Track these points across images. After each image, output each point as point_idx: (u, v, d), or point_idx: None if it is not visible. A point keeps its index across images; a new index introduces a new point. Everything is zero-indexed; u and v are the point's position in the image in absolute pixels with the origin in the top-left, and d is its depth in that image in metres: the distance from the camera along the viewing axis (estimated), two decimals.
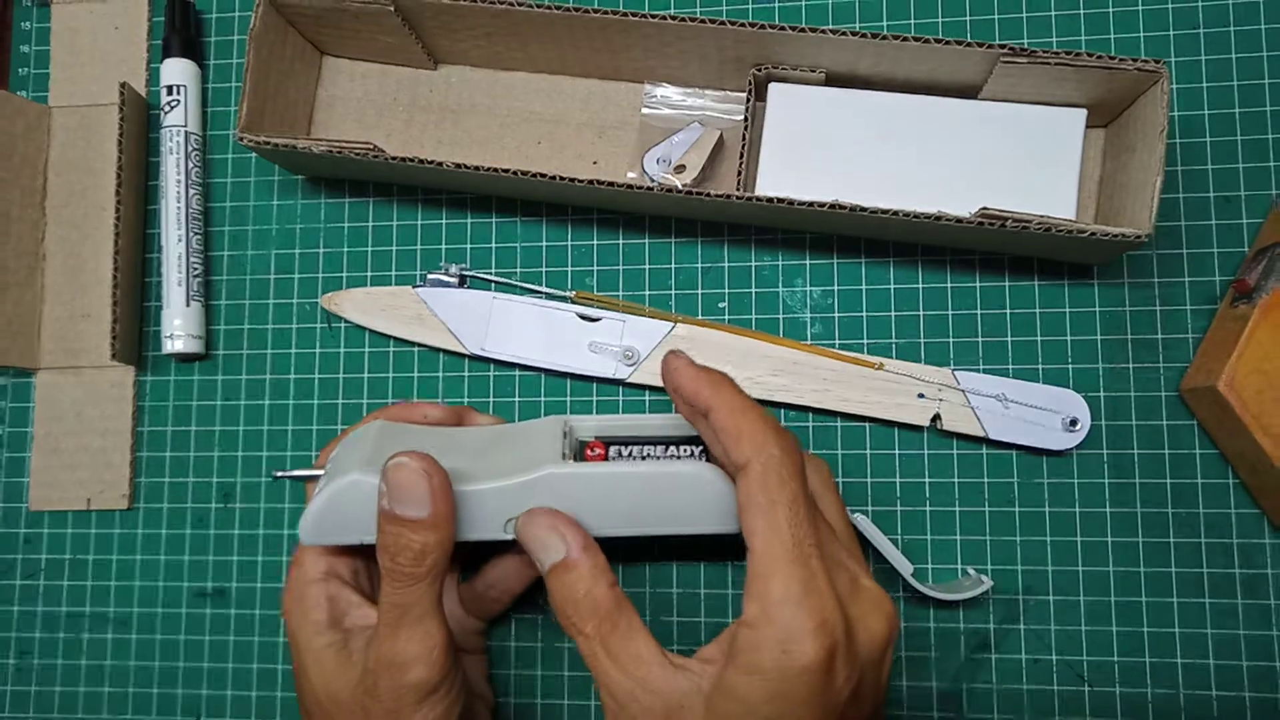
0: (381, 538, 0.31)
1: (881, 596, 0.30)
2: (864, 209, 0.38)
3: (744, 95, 0.42)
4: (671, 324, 0.43)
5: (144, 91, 0.49)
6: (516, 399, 0.45)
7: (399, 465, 0.30)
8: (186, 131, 0.47)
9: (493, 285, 0.46)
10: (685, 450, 0.35)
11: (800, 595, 0.27)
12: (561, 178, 0.39)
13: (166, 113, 0.47)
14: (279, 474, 0.36)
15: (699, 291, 0.45)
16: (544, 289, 0.45)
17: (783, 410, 0.43)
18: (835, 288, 0.44)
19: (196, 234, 0.46)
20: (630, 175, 0.45)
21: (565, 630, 0.31)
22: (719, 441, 0.30)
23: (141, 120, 0.48)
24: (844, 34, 0.38)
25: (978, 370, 0.42)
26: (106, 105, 0.48)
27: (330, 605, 0.34)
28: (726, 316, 0.44)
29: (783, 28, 0.38)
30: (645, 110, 0.45)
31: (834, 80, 0.42)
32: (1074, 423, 0.41)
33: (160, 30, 0.49)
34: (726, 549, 0.43)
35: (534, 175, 0.40)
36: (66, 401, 0.47)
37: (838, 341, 0.43)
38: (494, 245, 0.46)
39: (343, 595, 0.34)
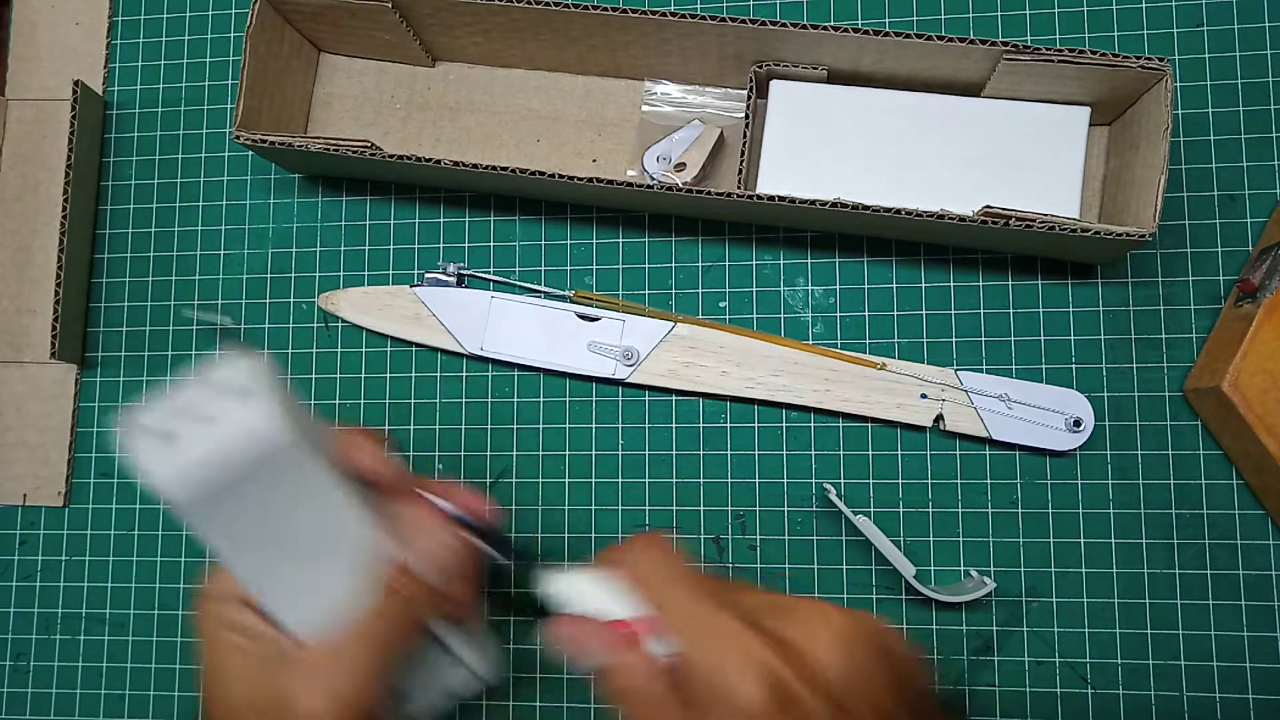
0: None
1: (819, 606, 0.29)
2: (866, 207, 0.37)
3: (745, 93, 0.42)
4: (671, 323, 0.43)
5: (101, 90, 0.48)
6: (515, 399, 0.44)
7: (445, 545, 0.32)
8: None
9: (491, 284, 0.45)
10: None
11: (722, 650, 0.27)
12: (560, 176, 0.39)
13: None
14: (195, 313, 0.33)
15: (699, 291, 0.44)
16: (543, 288, 0.45)
17: (784, 410, 0.43)
18: (837, 287, 0.44)
19: None
20: (630, 173, 0.45)
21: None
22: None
23: (96, 119, 0.48)
24: (846, 31, 0.38)
25: (980, 370, 0.42)
26: (63, 100, 0.47)
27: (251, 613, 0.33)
28: (727, 316, 0.44)
29: (784, 25, 0.38)
30: (645, 108, 0.45)
31: (836, 78, 0.42)
32: (1077, 423, 0.40)
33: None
34: None
35: (533, 173, 0.39)
36: (8, 395, 0.47)
37: (839, 341, 0.43)
38: (492, 244, 0.46)
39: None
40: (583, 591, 0.32)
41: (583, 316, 0.43)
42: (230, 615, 0.32)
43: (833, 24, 0.39)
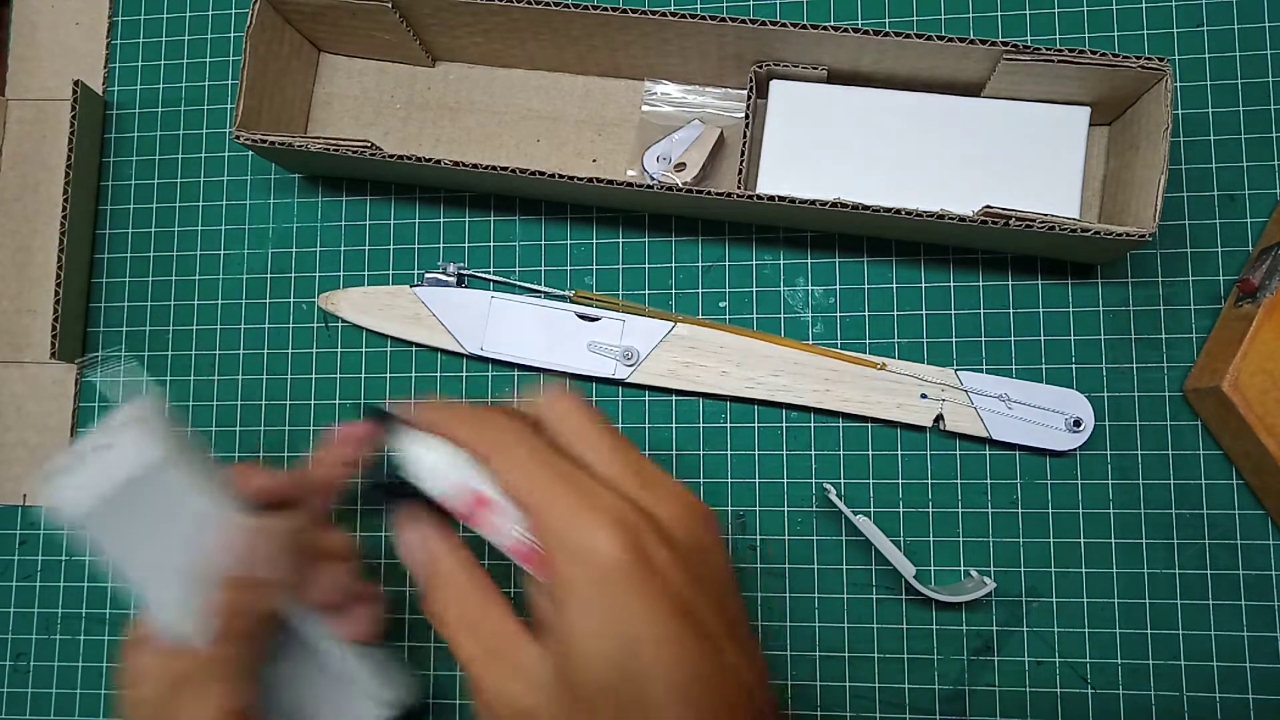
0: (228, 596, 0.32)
1: (675, 484, 0.29)
2: (866, 207, 0.37)
3: (745, 92, 0.42)
4: (671, 323, 0.43)
5: (101, 90, 0.48)
6: (515, 400, 0.44)
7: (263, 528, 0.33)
8: None
9: (491, 284, 0.45)
10: None
11: (575, 504, 0.26)
12: (560, 176, 0.39)
13: None
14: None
15: (699, 291, 0.44)
16: (543, 288, 0.45)
17: (784, 410, 0.43)
18: (837, 287, 0.44)
19: None
20: (630, 173, 0.45)
21: (431, 621, 0.30)
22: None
23: (96, 119, 0.48)
24: (846, 31, 0.38)
25: (980, 370, 0.42)
26: (63, 100, 0.47)
27: None
28: (727, 316, 0.44)
29: (784, 25, 0.38)
30: (645, 108, 0.45)
31: (836, 77, 0.42)
32: (1077, 423, 0.40)
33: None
34: None
35: (533, 173, 0.39)
36: (8, 395, 0.47)
37: (839, 341, 0.43)
38: (492, 244, 0.46)
39: None
40: (429, 465, 0.30)
41: (583, 316, 0.43)
42: (143, 646, 0.33)
43: (833, 24, 0.39)
